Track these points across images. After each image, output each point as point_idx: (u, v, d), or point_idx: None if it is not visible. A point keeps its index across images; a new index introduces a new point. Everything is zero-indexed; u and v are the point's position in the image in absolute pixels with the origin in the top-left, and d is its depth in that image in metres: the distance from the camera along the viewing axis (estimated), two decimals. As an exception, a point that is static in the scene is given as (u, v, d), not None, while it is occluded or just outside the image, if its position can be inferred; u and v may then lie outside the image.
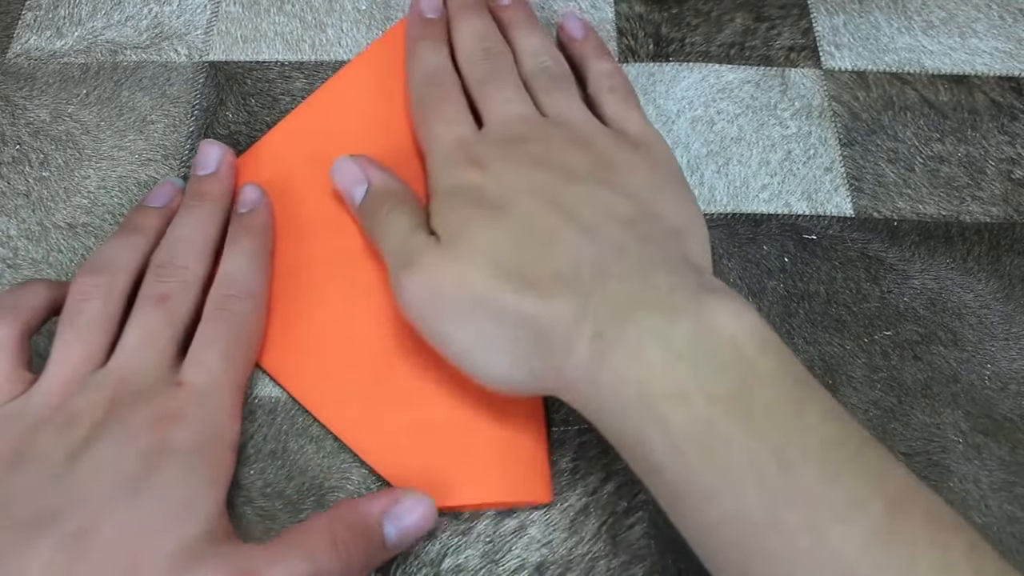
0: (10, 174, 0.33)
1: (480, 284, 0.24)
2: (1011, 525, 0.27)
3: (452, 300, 0.25)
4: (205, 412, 0.25)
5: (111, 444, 0.24)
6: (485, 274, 0.24)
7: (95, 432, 0.24)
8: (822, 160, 0.34)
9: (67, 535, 0.22)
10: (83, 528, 0.22)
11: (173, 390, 0.25)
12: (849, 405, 0.29)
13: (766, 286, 0.31)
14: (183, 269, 0.28)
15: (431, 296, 0.25)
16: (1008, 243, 0.32)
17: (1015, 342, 0.30)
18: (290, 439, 0.29)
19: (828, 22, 0.37)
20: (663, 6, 0.37)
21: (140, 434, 0.24)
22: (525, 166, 0.27)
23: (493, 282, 0.24)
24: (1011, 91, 0.35)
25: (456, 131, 0.29)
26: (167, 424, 0.24)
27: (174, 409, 0.25)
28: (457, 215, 0.26)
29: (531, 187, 0.26)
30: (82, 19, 0.37)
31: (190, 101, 0.35)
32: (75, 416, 0.25)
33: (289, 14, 0.37)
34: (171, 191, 0.31)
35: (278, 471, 0.28)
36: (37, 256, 0.32)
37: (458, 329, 0.25)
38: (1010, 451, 0.28)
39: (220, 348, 0.27)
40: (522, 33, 0.33)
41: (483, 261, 0.25)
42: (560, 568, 0.27)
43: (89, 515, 0.22)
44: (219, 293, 0.28)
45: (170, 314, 0.27)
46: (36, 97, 0.35)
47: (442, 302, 0.25)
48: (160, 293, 0.27)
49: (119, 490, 0.23)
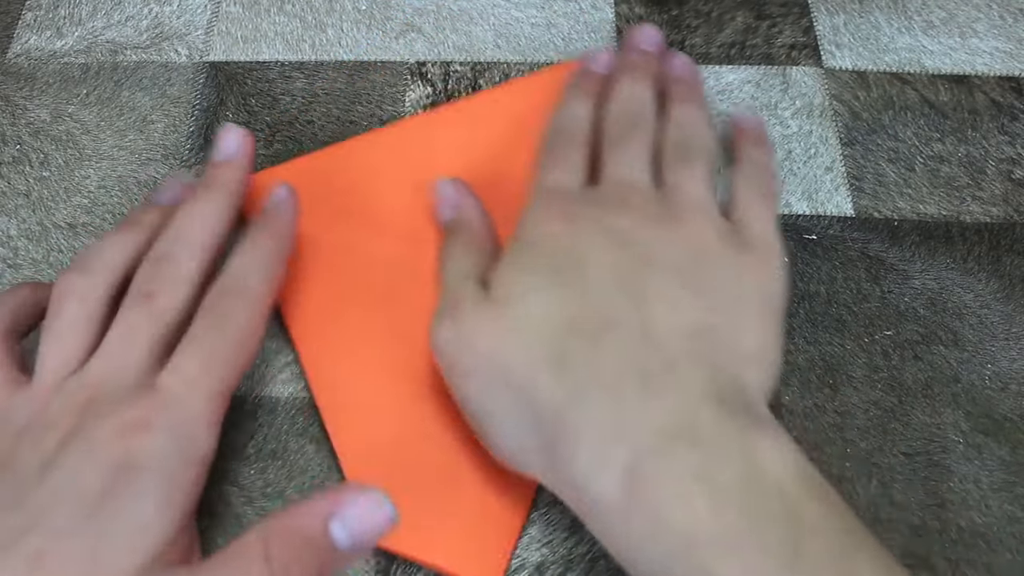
0: (10, 174, 0.33)
1: (514, 354, 0.23)
2: (1011, 525, 0.27)
3: (481, 360, 0.23)
4: (176, 421, 0.23)
5: (76, 456, 0.22)
6: (523, 345, 0.23)
7: (65, 441, 0.23)
8: (823, 160, 0.34)
9: (27, 557, 0.21)
10: (41, 551, 0.21)
11: (146, 395, 0.23)
12: (849, 405, 0.29)
13: (766, 286, 0.31)
14: (175, 264, 0.26)
15: (460, 349, 0.24)
16: (1008, 243, 0.32)
17: (1015, 342, 0.30)
18: (290, 439, 0.29)
19: (828, 22, 0.37)
20: (663, 8, 0.37)
21: (105, 445, 0.22)
22: (610, 232, 0.25)
23: (528, 358, 0.22)
24: (1011, 91, 0.35)
25: (564, 180, 0.27)
26: (132, 434, 0.23)
27: (141, 417, 0.23)
28: (518, 271, 0.25)
29: (607, 258, 0.24)
30: (82, 19, 0.37)
31: (190, 101, 0.35)
32: (49, 424, 0.23)
33: (289, 14, 0.37)
34: (178, 188, 0.30)
35: (278, 471, 0.28)
36: (37, 256, 0.32)
37: (478, 391, 0.23)
38: (1010, 451, 0.28)
39: (202, 351, 0.24)
40: (679, 103, 0.30)
41: (526, 329, 0.23)
42: (560, 568, 0.27)
43: (50, 535, 0.21)
44: (215, 291, 0.26)
45: (155, 313, 0.25)
46: (36, 97, 0.35)
47: (470, 358, 0.23)
48: (146, 291, 0.25)
49: (78, 509, 0.21)
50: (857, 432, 0.29)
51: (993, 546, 0.27)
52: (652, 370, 0.22)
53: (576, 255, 0.24)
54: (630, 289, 0.24)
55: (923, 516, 0.27)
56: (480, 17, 0.37)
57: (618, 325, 0.23)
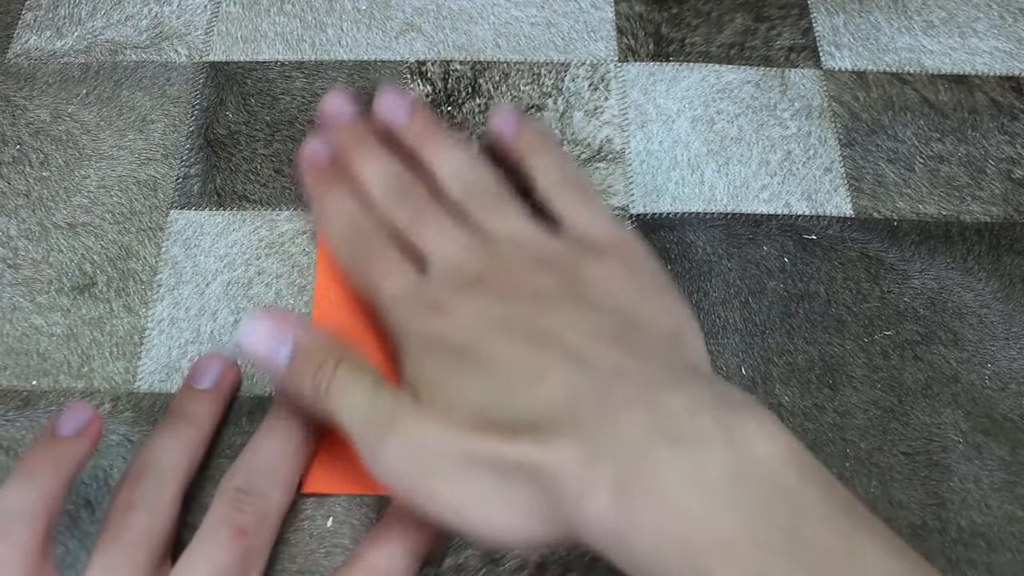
0: (10, 174, 0.33)
1: (469, 441, 0.22)
2: (1011, 525, 0.27)
3: (441, 461, 0.22)
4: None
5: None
6: (473, 429, 0.22)
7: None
8: (822, 160, 0.34)
9: None
10: None
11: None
12: (849, 405, 0.29)
13: (766, 286, 0.31)
14: (263, 498, 0.25)
15: (418, 460, 0.22)
16: (1008, 243, 0.32)
17: (1015, 342, 0.30)
18: (290, 439, 0.29)
19: (828, 22, 0.37)
20: (663, 6, 0.37)
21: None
22: (488, 304, 0.24)
23: (483, 436, 0.21)
24: (1011, 91, 0.35)
25: (399, 282, 0.26)
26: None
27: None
28: (431, 366, 0.24)
29: (501, 325, 0.24)
30: (82, 19, 0.37)
31: (190, 101, 0.35)
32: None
33: (289, 14, 0.37)
34: (219, 366, 0.28)
35: (278, 471, 0.28)
36: (37, 256, 0.32)
37: (451, 489, 0.22)
38: (1010, 451, 0.28)
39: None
40: (434, 151, 0.29)
41: (466, 414, 0.22)
42: (560, 568, 0.27)
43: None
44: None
45: (246, 553, 0.24)
46: (36, 97, 0.35)
47: (430, 464, 0.22)
48: (239, 525, 0.24)
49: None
50: (857, 432, 0.29)
51: (993, 546, 0.27)
52: (603, 383, 0.22)
53: (468, 336, 0.24)
54: (536, 335, 0.23)
55: (923, 516, 0.27)
56: (480, 16, 0.37)
57: (546, 366, 0.22)
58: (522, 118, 0.30)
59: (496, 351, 0.23)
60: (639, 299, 0.25)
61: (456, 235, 0.27)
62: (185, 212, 0.33)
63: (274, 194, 0.33)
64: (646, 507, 0.19)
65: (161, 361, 0.30)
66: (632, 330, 0.24)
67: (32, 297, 0.31)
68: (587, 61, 0.36)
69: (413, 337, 0.25)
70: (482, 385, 0.23)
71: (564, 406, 0.21)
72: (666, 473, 0.19)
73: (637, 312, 0.24)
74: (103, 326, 0.30)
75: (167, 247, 0.32)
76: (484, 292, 0.25)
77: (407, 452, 0.22)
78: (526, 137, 0.30)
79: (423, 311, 0.25)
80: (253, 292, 0.31)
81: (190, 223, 0.32)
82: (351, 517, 0.27)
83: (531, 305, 0.24)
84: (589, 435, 0.21)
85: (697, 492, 0.19)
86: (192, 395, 0.28)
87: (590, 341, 0.23)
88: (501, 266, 0.26)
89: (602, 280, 0.25)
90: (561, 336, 0.23)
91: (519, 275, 0.25)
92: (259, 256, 0.32)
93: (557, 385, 0.22)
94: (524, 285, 0.25)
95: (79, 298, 0.31)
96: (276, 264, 0.32)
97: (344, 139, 0.30)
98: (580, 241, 0.27)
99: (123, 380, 0.30)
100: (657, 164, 0.34)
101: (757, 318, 0.31)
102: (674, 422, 0.20)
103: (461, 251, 0.26)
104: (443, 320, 0.24)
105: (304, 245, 0.32)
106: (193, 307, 0.31)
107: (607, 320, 0.24)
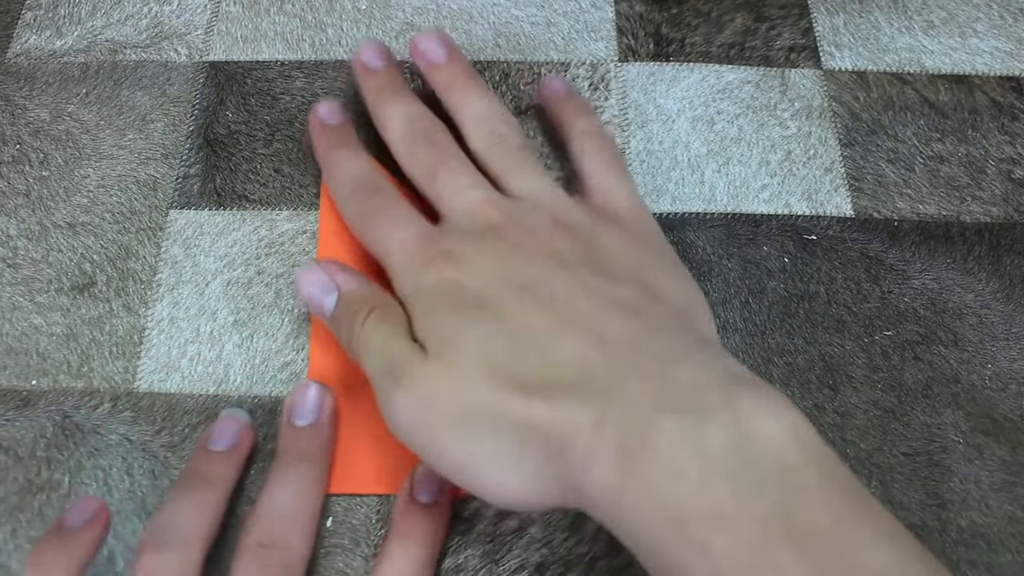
0: (10, 174, 0.33)
1: (479, 395, 0.22)
2: (1011, 525, 0.27)
3: (450, 415, 0.22)
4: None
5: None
6: (483, 384, 0.22)
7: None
8: (822, 160, 0.34)
9: None
10: None
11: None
12: (849, 405, 0.29)
13: (766, 286, 0.31)
14: (286, 550, 0.25)
15: (425, 413, 0.22)
16: (1008, 243, 0.32)
17: (1015, 342, 0.30)
18: (290, 439, 0.29)
19: (828, 22, 0.37)
20: (663, 6, 0.37)
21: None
22: (506, 257, 0.24)
23: (493, 391, 0.22)
24: (1011, 91, 0.35)
25: (412, 230, 0.26)
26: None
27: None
28: (440, 319, 0.23)
29: (518, 281, 0.24)
30: (82, 18, 0.37)
31: (190, 101, 0.35)
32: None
33: (289, 14, 0.37)
34: (236, 429, 0.28)
35: (278, 471, 0.28)
36: (37, 256, 0.32)
37: (459, 445, 0.22)
38: (1011, 451, 0.28)
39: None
40: (463, 97, 0.29)
41: (479, 369, 0.22)
42: (560, 568, 0.27)
43: None
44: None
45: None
46: (36, 97, 0.35)
47: (438, 418, 0.22)
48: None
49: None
50: (857, 432, 0.29)
51: (993, 546, 0.27)
52: (618, 352, 0.22)
53: (483, 287, 0.24)
54: (554, 297, 0.23)
55: (923, 516, 0.27)
56: (480, 16, 0.37)
57: (561, 329, 0.23)
58: (572, 86, 0.32)
59: (513, 307, 0.23)
60: (653, 272, 0.25)
61: (476, 183, 0.27)
62: (185, 212, 0.33)
63: (274, 194, 0.33)
64: (645, 472, 0.19)
65: (161, 361, 0.30)
66: (646, 301, 0.24)
67: (32, 297, 0.31)
68: (587, 61, 0.36)
69: (424, 289, 0.24)
70: (496, 340, 0.23)
71: (577, 371, 0.22)
72: (668, 440, 0.19)
73: (651, 284, 0.25)
74: (103, 326, 0.30)
75: (167, 247, 0.32)
76: (502, 246, 0.25)
77: (414, 404, 0.22)
78: (574, 101, 0.31)
79: (437, 262, 0.25)
80: (253, 292, 0.31)
81: (190, 223, 0.32)
82: (351, 517, 0.27)
83: (548, 266, 0.24)
84: (599, 401, 0.21)
85: (695, 461, 0.19)
86: (209, 457, 0.27)
87: (605, 310, 0.23)
88: (520, 222, 0.26)
89: (618, 250, 0.25)
90: (577, 302, 0.23)
91: (537, 234, 0.25)
92: (259, 256, 0.32)
93: (571, 349, 0.22)
94: (542, 245, 0.25)
95: (79, 298, 0.31)
96: (276, 264, 0.32)
97: (375, 84, 0.31)
98: (600, 208, 0.27)
99: (123, 380, 0.30)
100: (657, 164, 0.34)
101: (757, 318, 0.31)
102: (681, 392, 0.20)
103: (479, 203, 0.26)
104: (459, 270, 0.24)
105: (304, 245, 0.32)
106: (193, 307, 0.31)
107: (623, 291, 0.24)
